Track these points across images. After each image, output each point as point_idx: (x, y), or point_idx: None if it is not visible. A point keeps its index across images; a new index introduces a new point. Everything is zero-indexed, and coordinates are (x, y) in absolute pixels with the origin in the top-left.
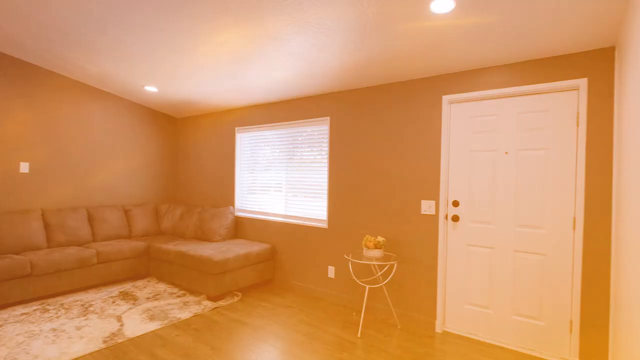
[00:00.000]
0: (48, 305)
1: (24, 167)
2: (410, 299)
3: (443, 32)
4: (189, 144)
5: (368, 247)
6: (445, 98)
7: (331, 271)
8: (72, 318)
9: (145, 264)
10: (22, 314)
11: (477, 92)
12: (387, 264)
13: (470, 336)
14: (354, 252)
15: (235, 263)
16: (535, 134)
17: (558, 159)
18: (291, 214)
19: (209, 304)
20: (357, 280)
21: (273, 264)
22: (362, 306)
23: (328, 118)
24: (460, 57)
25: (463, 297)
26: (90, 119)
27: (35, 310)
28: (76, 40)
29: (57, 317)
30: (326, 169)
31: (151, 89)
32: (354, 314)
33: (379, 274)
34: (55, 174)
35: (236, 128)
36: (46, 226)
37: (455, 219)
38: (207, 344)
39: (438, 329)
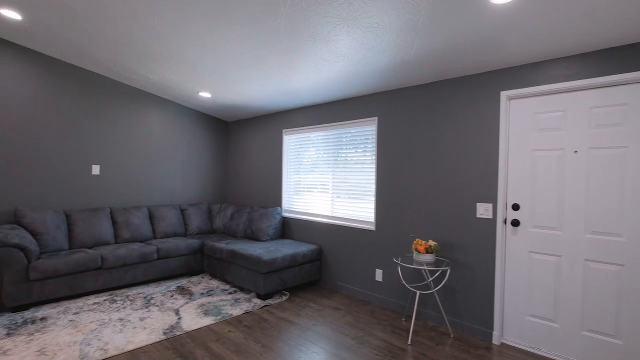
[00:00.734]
0: (116, 296)
1: (96, 170)
2: (465, 307)
3: (503, 23)
4: (239, 147)
5: (419, 251)
6: (504, 94)
7: (379, 274)
8: (136, 309)
9: (200, 261)
10: (94, 303)
11: (541, 86)
12: (439, 270)
13: (532, 350)
14: (403, 255)
15: (283, 263)
16: (611, 130)
17: (638, 158)
18: (337, 215)
19: (259, 302)
20: (407, 285)
21: (319, 265)
22: (411, 312)
23: (375, 118)
24: (521, 49)
25: (524, 308)
26: (150, 124)
27: (105, 300)
28: (140, 52)
29: (123, 308)
30: (373, 169)
31: (205, 94)
32: (403, 319)
33: (430, 279)
34: (121, 175)
35: (283, 130)
36: (114, 223)
37: (515, 223)
38: (257, 341)
39: (495, 341)
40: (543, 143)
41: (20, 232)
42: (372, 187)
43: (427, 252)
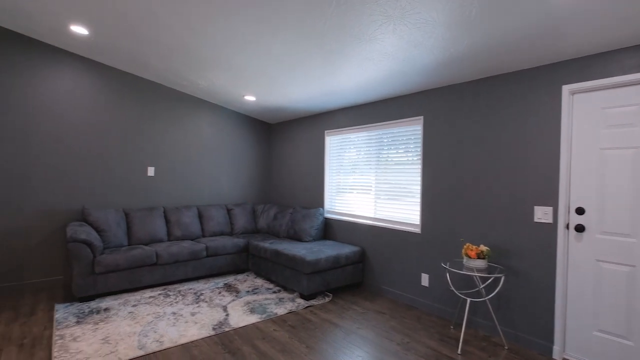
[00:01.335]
0: (169, 291)
1: (151, 171)
2: (520, 318)
3: (565, 12)
4: (281, 148)
5: (469, 257)
6: (566, 88)
7: (425, 279)
8: (188, 304)
9: (245, 260)
10: (150, 296)
11: (610, 78)
12: (491, 276)
13: None
14: (452, 260)
15: (326, 264)
16: None
17: None
18: (381, 216)
19: (302, 302)
20: (456, 292)
21: (362, 267)
22: (461, 319)
23: (421, 117)
24: (586, 39)
25: (590, 322)
26: (199, 128)
27: (159, 294)
28: (191, 59)
29: (176, 302)
30: (419, 171)
31: (250, 98)
32: (452, 327)
33: (482, 286)
34: (173, 176)
35: (325, 131)
36: (167, 222)
37: (580, 229)
38: (302, 341)
39: (556, 356)
40: (614, 141)
41: (87, 229)
42: (416, 188)
43: (478, 258)
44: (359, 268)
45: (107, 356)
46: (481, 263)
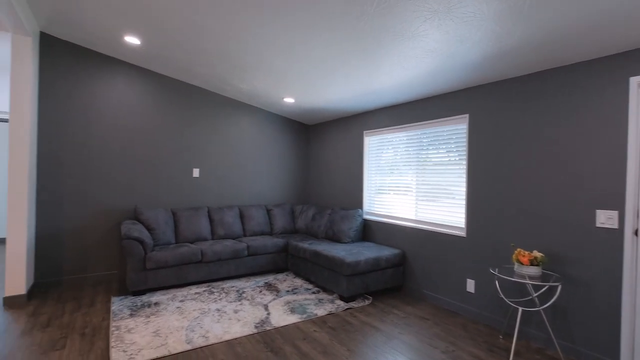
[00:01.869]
0: (213, 288)
1: (196, 173)
2: (580, 331)
3: None
4: (319, 149)
5: (521, 263)
6: (635, 80)
7: (470, 285)
8: (231, 302)
9: (284, 259)
10: (196, 293)
11: None
12: (546, 285)
13: None
14: (501, 266)
15: (365, 266)
16: None
17: None
18: (422, 219)
19: (342, 304)
20: (507, 300)
21: (403, 271)
22: (511, 329)
23: (466, 116)
24: None
25: None
26: (240, 130)
27: (204, 291)
28: (234, 64)
29: (219, 299)
30: (464, 171)
31: (289, 100)
32: (501, 337)
33: (535, 295)
34: (216, 177)
35: (364, 131)
36: (210, 221)
37: None
38: (342, 344)
39: None
40: None
41: (139, 227)
42: (460, 189)
43: (531, 265)
44: (400, 271)
45: (158, 349)
46: (535, 270)
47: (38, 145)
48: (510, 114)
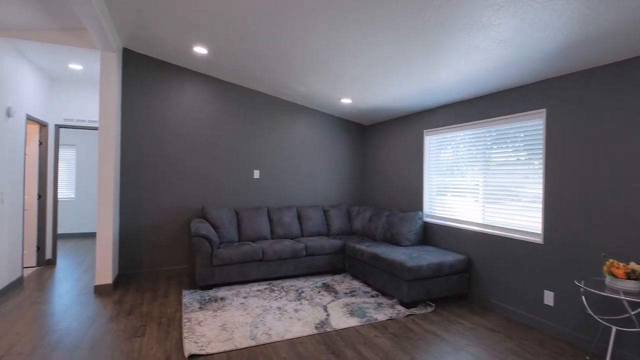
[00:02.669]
0: (273, 286)
1: (256, 174)
2: None
3: None
4: (376, 149)
5: (615, 276)
6: None
7: (548, 297)
8: (291, 301)
9: (342, 260)
10: (257, 290)
11: None
12: None
13: None
14: (588, 278)
15: (428, 271)
16: None
17: None
18: (490, 223)
19: (403, 310)
20: (596, 317)
21: (468, 278)
22: (600, 350)
23: (543, 111)
24: None
25: None
26: (297, 132)
27: (265, 289)
28: (293, 67)
29: (280, 298)
30: (540, 172)
31: (346, 100)
32: (588, 358)
33: (633, 313)
34: (275, 178)
35: (424, 131)
36: (270, 221)
37: None
38: (405, 352)
39: None
40: None
41: (206, 226)
42: (535, 192)
43: (628, 278)
44: (465, 278)
45: (226, 342)
46: (632, 285)
47: (121, 151)
48: (599, 107)
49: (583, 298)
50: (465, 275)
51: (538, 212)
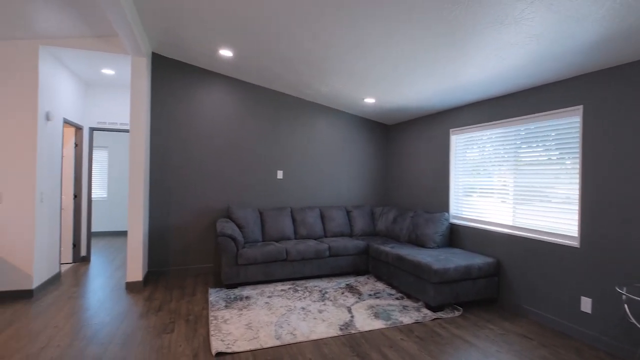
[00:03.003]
0: (297, 286)
1: (280, 174)
2: None
3: None
4: (400, 149)
5: None
6: None
7: (586, 304)
8: (314, 301)
9: (365, 262)
10: (281, 290)
11: None
12: None
13: None
14: (631, 285)
15: (455, 274)
16: None
17: None
18: (521, 225)
19: (429, 313)
20: None
21: (497, 281)
22: None
23: (579, 107)
24: None
25: None
26: (319, 132)
27: (289, 288)
28: (317, 68)
29: (304, 298)
30: (573, 172)
31: (369, 100)
32: None
33: None
34: (297, 178)
35: (450, 130)
36: (293, 221)
37: None
38: (433, 356)
39: None
40: None
41: (232, 225)
42: (567, 192)
43: None
44: (494, 282)
45: (251, 341)
46: None
47: (150, 153)
48: None
49: (626, 306)
50: (494, 279)
51: (572, 214)
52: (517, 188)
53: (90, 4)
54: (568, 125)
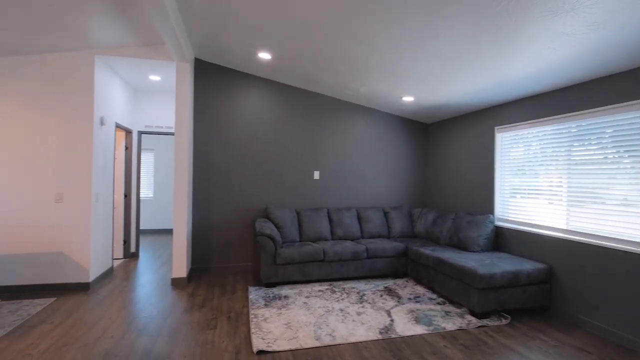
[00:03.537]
0: (334, 287)
1: (316, 175)
2: None
3: None
4: (440, 149)
5: None
6: None
7: None
8: (353, 303)
9: (404, 264)
10: (319, 290)
11: None
12: None
13: None
14: None
15: (502, 280)
16: None
17: None
18: (576, 229)
19: (473, 320)
20: None
21: (549, 289)
22: None
23: None
24: None
25: None
26: (357, 132)
27: (326, 289)
28: (357, 68)
29: (342, 299)
30: (636, 171)
31: (408, 98)
32: None
33: None
34: (334, 179)
35: (495, 127)
36: (330, 222)
37: None
38: None
39: None
40: None
41: (270, 225)
42: (625, 194)
43: None
44: (545, 289)
45: (291, 341)
46: None
47: (193, 155)
48: None
49: None
50: (546, 286)
51: (633, 217)
52: (570, 189)
53: (138, 14)
54: (628, 120)
